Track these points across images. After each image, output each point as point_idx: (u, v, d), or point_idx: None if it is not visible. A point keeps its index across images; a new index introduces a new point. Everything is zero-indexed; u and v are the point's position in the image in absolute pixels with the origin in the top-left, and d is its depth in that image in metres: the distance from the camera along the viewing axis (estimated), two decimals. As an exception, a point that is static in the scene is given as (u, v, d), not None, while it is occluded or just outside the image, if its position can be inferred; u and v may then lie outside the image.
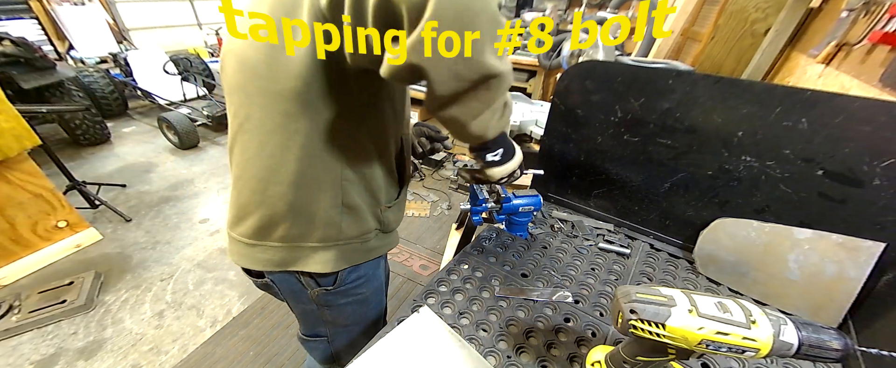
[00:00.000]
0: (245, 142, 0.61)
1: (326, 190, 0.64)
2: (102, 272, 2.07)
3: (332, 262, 0.71)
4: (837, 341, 0.44)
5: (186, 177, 3.07)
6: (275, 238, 0.68)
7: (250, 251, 0.69)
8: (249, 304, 1.90)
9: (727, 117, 0.83)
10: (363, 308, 0.86)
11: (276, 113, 0.56)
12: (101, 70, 3.95)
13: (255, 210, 0.65)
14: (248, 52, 0.54)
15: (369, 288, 0.84)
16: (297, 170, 0.61)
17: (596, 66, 0.98)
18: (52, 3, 4.27)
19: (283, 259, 0.70)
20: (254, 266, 0.71)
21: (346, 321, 0.87)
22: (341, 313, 0.83)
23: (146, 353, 1.66)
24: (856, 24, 1.17)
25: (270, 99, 0.56)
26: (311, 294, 0.77)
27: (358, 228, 0.72)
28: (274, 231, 0.67)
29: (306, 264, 0.70)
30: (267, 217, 0.65)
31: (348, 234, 0.71)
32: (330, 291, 0.76)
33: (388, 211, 0.77)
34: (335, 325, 0.87)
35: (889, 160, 0.70)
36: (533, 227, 1.09)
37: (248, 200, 0.65)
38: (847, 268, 0.77)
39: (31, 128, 1.84)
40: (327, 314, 0.83)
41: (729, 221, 0.91)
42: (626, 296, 0.49)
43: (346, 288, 0.77)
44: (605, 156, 1.05)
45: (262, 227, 0.66)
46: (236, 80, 0.58)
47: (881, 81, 0.97)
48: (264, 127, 0.58)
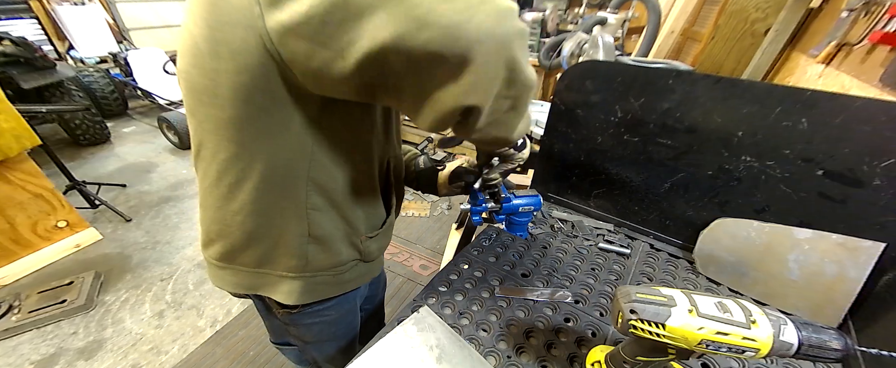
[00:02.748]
0: (203, 170, 0.58)
1: (290, 219, 0.59)
2: (102, 272, 2.07)
3: (297, 295, 0.67)
4: (837, 341, 0.44)
5: (186, 177, 3.07)
6: (241, 262, 0.66)
7: (221, 273, 0.68)
8: (249, 304, 1.90)
9: (727, 117, 0.83)
10: (332, 328, 0.83)
11: (227, 141, 0.51)
12: (101, 70, 3.95)
13: (216, 237, 0.64)
14: (192, 76, 0.48)
15: (340, 311, 0.80)
16: (256, 200, 0.56)
17: (596, 66, 0.98)
18: (52, 3, 4.27)
19: (252, 283, 0.68)
20: (224, 287, 0.70)
21: (313, 338, 0.85)
22: (308, 331, 0.81)
23: (146, 353, 1.66)
24: (856, 24, 1.17)
25: (220, 126, 0.50)
26: (275, 312, 0.76)
27: (329, 259, 0.67)
28: (238, 256, 0.65)
29: (273, 292, 0.68)
30: (229, 244, 0.63)
31: (317, 266, 0.66)
32: (293, 314, 0.74)
33: (369, 241, 0.71)
34: (301, 341, 0.86)
35: (889, 160, 0.70)
36: (533, 227, 1.09)
37: (209, 227, 0.63)
38: (847, 268, 0.77)
39: (31, 128, 1.84)
40: (292, 331, 0.82)
41: (729, 221, 0.91)
42: (626, 296, 0.49)
43: (311, 310, 0.74)
44: (605, 156, 1.05)
45: (227, 253, 0.65)
46: (188, 106, 0.52)
47: (881, 81, 0.97)
48: (218, 156, 0.53)
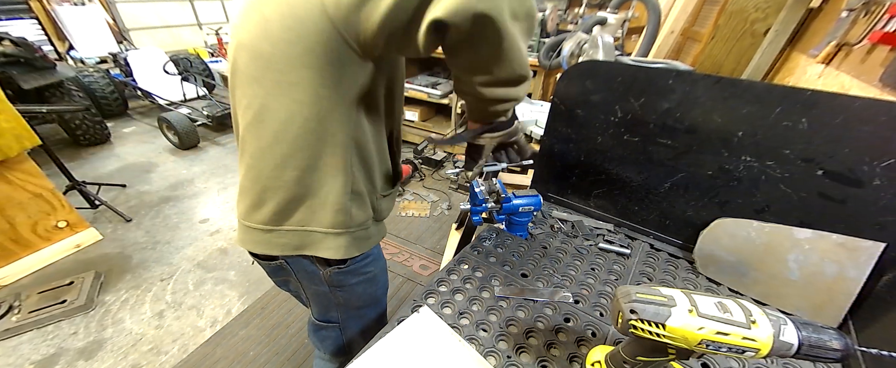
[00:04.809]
0: (260, 132, 0.63)
1: (339, 176, 0.67)
2: (102, 272, 2.07)
3: (344, 249, 0.73)
4: (837, 341, 0.44)
5: (186, 177, 3.07)
6: (291, 222, 0.70)
7: (267, 237, 0.72)
8: (249, 304, 1.90)
9: (727, 117, 0.83)
10: (372, 286, 0.89)
11: (290, 102, 0.59)
12: (101, 70, 3.95)
13: (272, 195, 0.68)
14: (262, 47, 0.57)
15: (377, 267, 0.88)
16: (312, 156, 0.64)
17: (596, 66, 0.98)
18: (52, 3, 4.28)
19: (300, 243, 0.72)
20: (271, 251, 0.73)
21: (358, 302, 0.89)
22: (352, 293, 0.85)
23: (146, 353, 1.66)
24: (856, 24, 1.17)
25: (284, 89, 0.58)
26: (323, 275, 0.79)
27: (363, 215, 0.75)
28: (290, 215, 0.70)
29: (319, 249, 0.73)
30: (285, 201, 0.68)
31: (357, 221, 0.73)
32: (342, 270, 0.79)
33: (382, 200, 0.80)
34: (347, 308, 0.89)
35: (889, 160, 0.70)
36: (533, 227, 1.09)
37: (265, 186, 0.68)
38: (847, 268, 0.77)
39: (31, 128, 1.84)
40: (339, 295, 0.85)
41: (729, 221, 0.91)
42: (626, 296, 0.49)
43: (355, 267, 0.80)
44: (605, 156, 1.05)
45: (279, 212, 0.69)
46: (250, 73, 0.60)
47: (881, 81, 0.97)
48: (279, 116, 0.61)
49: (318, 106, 0.60)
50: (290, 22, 0.53)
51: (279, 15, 0.53)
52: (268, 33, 0.55)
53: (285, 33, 0.54)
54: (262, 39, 0.56)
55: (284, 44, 0.54)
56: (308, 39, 0.53)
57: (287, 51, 0.55)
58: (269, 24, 0.54)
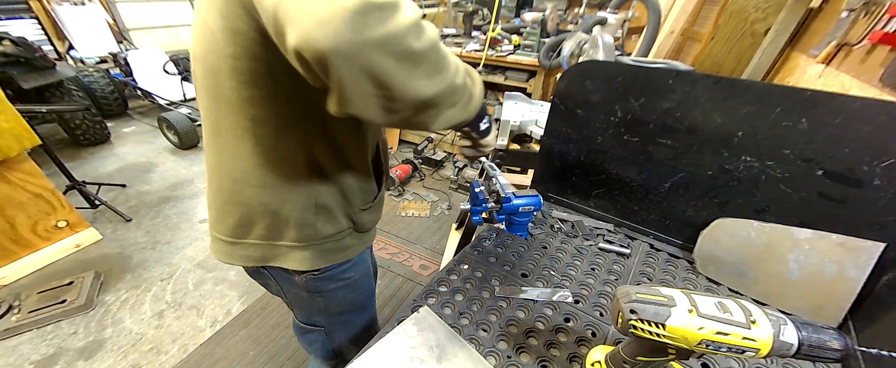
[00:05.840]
0: (219, 146, 0.62)
1: (299, 192, 0.65)
2: (102, 272, 2.07)
3: (310, 261, 0.72)
4: (837, 341, 0.44)
5: (186, 177, 3.07)
6: (253, 236, 0.69)
7: (231, 248, 0.71)
8: (249, 304, 1.90)
9: (727, 117, 0.83)
10: (353, 292, 0.88)
11: (243, 119, 0.56)
12: (101, 70, 3.94)
13: (232, 210, 0.67)
14: (210, 59, 0.53)
15: (358, 272, 0.85)
16: (269, 173, 0.62)
17: (596, 66, 0.98)
18: (52, 3, 4.27)
19: (262, 256, 0.71)
20: (234, 262, 0.73)
21: (339, 307, 0.88)
22: (332, 298, 0.84)
23: (146, 353, 1.66)
24: (856, 24, 1.17)
25: (235, 107, 0.55)
26: (298, 280, 0.78)
27: (332, 228, 0.72)
28: (251, 229, 0.68)
29: (284, 261, 0.72)
30: (244, 216, 0.67)
31: (324, 233, 0.72)
32: (317, 276, 0.77)
33: (362, 213, 0.77)
34: (329, 313, 0.88)
35: (889, 160, 0.70)
36: (533, 227, 1.09)
37: (227, 199, 0.66)
38: (847, 268, 0.77)
39: (31, 128, 1.84)
40: (319, 301, 0.84)
41: (729, 221, 0.91)
42: (626, 296, 0.49)
43: (332, 273, 0.78)
44: (605, 156, 1.05)
45: (240, 226, 0.68)
46: (205, 85, 0.57)
47: (881, 81, 0.97)
48: (235, 132, 0.58)
49: (273, 124, 0.57)
50: (231, 35, 0.48)
51: (220, 27, 0.48)
52: (215, 45, 0.50)
53: (230, 47, 0.49)
54: (210, 52, 0.52)
55: (231, 59, 0.50)
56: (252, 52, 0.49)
57: (235, 65, 0.51)
58: (214, 36, 0.50)
